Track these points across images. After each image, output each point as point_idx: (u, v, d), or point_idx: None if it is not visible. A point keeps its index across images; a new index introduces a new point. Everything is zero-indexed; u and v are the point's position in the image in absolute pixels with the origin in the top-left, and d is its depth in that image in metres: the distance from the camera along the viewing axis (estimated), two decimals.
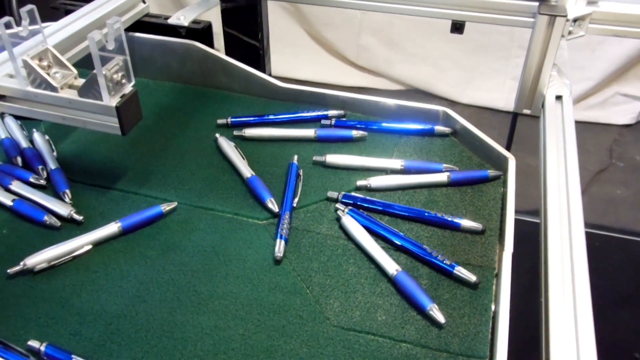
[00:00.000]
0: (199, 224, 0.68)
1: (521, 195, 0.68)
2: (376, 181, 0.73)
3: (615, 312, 1.25)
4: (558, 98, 0.85)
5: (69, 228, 0.67)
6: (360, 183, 0.73)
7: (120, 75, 0.62)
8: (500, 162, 0.75)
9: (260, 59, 1.02)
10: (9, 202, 0.68)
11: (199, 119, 0.86)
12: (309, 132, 0.81)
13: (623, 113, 2.12)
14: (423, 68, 2.20)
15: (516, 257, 0.61)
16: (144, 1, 0.95)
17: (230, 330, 0.56)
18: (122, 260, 0.63)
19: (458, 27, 0.89)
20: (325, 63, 2.30)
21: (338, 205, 0.69)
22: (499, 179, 0.74)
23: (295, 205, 0.70)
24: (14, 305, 0.58)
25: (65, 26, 0.81)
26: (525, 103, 0.89)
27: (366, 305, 0.59)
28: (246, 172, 0.74)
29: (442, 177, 0.73)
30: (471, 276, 0.60)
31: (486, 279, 0.61)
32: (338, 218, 0.68)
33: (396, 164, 0.75)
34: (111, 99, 0.62)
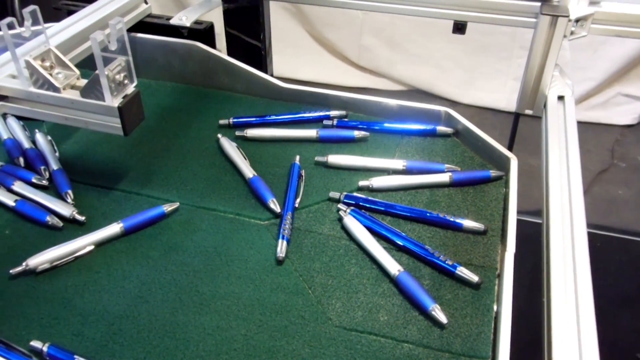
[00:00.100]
0: (201, 225, 0.68)
1: (523, 195, 0.68)
2: (378, 181, 0.73)
3: (617, 313, 1.25)
4: (560, 98, 0.85)
5: (71, 228, 0.67)
6: (362, 183, 0.73)
7: (122, 75, 0.63)
8: (502, 163, 0.75)
9: (262, 60, 1.02)
10: (12, 203, 0.68)
11: (201, 120, 0.86)
12: (311, 133, 0.81)
13: (625, 113, 2.11)
14: (425, 68, 2.20)
15: (518, 258, 0.61)
16: (146, 2, 0.95)
17: (232, 330, 0.56)
18: (125, 260, 0.63)
19: (460, 28, 0.89)
20: (326, 63, 2.30)
21: (340, 205, 0.69)
22: (501, 180, 0.74)
23: (297, 205, 0.70)
24: (17, 305, 0.58)
25: (67, 27, 0.81)
26: (527, 103, 0.89)
27: (368, 305, 0.59)
28: (248, 173, 0.74)
29: (444, 178, 0.73)
30: (473, 276, 0.60)
31: (488, 279, 0.61)
32: (340, 218, 0.68)
33: (398, 165, 0.75)
34: (113, 100, 0.62)
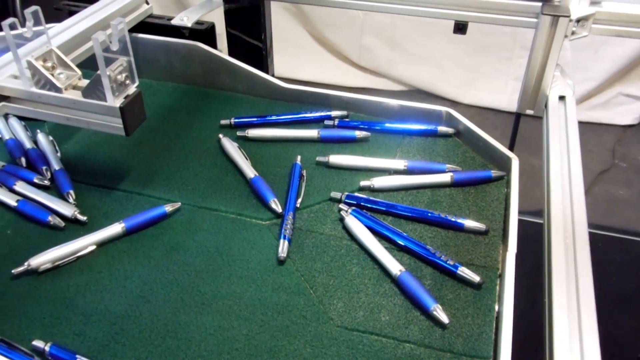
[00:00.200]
0: (203, 225, 0.68)
1: (524, 195, 0.68)
2: (379, 181, 0.73)
3: (618, 313, 1.25)
4: (561, 98, 0.85)
5: (73, 228, 0.67)
6: (363, 183, 0.73)
7: (124, 76, 0.63)
8: (503, 163, 0.75)
9: (263, 60, 1.02)
10: (14, 203, 0.68)
11: (203, 120, 0.86)
12: (312, 133, 0.81)
13: (626, 113, 2.11)
14: (425, 68, 2.20)
15: (519, 258, 0.61)
16: (147, 2, 0.95)
17: (234, 330, 0.56)
18: (126, 260, 0.63)
19: (461, 28, 0.89)
20: (327, 64, 2.30)
21: (341, 205, 0.69)
22: (502, 180, 0.74)
23: (298, 205, 0.70)
24: (19, 305, 0.58)
25: (69, 27, 0.81)
26: (528, 103, 0.89)
27: (370, 305, 0.59)
28: (249, 173, 0.74)
29: (446, 178, 0.73)
30: (475, 276, 0.60)
31: (490, 280, 0.61)
32: (341, 218, 0.68)
33: (399, 165, 0.75)
34: (115, 100, 0.62)
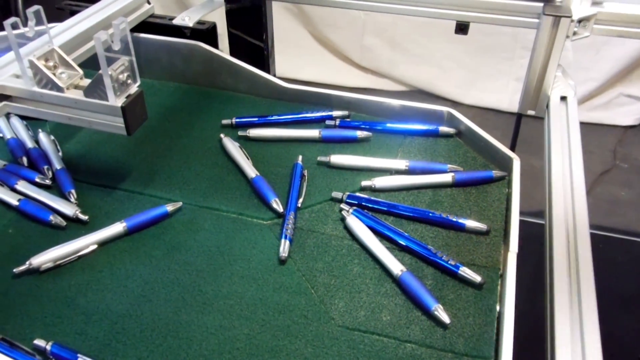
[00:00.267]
0: (204, 224, 0.68)
1: (525, 196, 0.68)
2: (381, 181, 0.73)
3: (620, 314, 1.25)
4: (563, 99, 0.85)
5: (75, 228, 0.67)
6: (364, 183, 0.73)
7: (125, 75, 0.63)
8: (504, 163, 0.75)
9: (264, 60, 1.02)
10: (15, 202, 0.68)
11: (204, 120, 0.86)
12: (314, 133, 0.81)
13: (627, 114, 2.11)
14: (426, 69, 2.20)
15: (520, 259, 0.61)
16: (149, 2, 0.95)
17: (235, 330, 0.56)
18: (127, 260, 0.63)
19: (462, 28, 0.89)
20: (328, 64, 2.30)
21: (342, 205, 0.69)
22: (504, 180, 0.74)
23: (299, 205, 0.70)
24: (20, 304, 0.58)
25: (71, 27, 0.81)
26: (529, 104, 0.89)
27: (371, 305, 0.59)
28: (251, 173, 0.74)
29: (447, 178, 0.73)
30: (476, 277, 0.60)
31: (491, 280, 0.61)
32: (342, 218, 0.68)
33: (401, 165, 0.75)
34: (117, 99, 0.62)
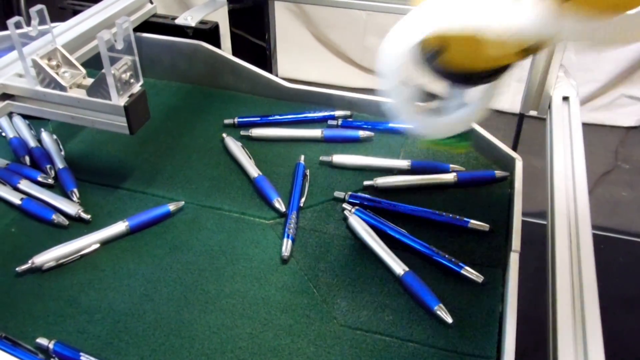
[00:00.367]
0: (206, 223, 0.68)
1: (526, 197, 0.68)
2: (383, 181, 0.73)
3: (621, 314, 1.25)
4: (565, 99, 0.85)
5: (77, 227, 0.67)
6: (367, 183, 0.73)
7: (128, 75, 0.63)
8: (507, 163, 0.75)
9: (267, 60, 1.02)
10: (18, 201, 0.68)
11: (206, 119, 0.86)
12: (316, 133, 0.81)
13: (629, 115, 2.11)
14: None
15: (521, 259, 0.61)
16: (152, 1, 0.95)
17: (237, 329, 0.56)
18: (130, 259, 0.63)
19: None
20: (330, 64, 2.30)
21: (345, 205, 0.69)
22: (506, 180, 0.74)
23: (302, 205, 0.70)
24: (23, 303, 0.58)
25: (74, 26, 0.81)
26: (531, 104, 0.88)
27: (373, 304, 0.59)
28: (253, 172, 0.74)
29: (449, 178, 0.73)
30: (478, 276, 0.60)
31: (493, 279, 0.61)
32: (345, 218, 0.68)
33: (403, 164, 0.75)
34: (119, 99, 0.62)
